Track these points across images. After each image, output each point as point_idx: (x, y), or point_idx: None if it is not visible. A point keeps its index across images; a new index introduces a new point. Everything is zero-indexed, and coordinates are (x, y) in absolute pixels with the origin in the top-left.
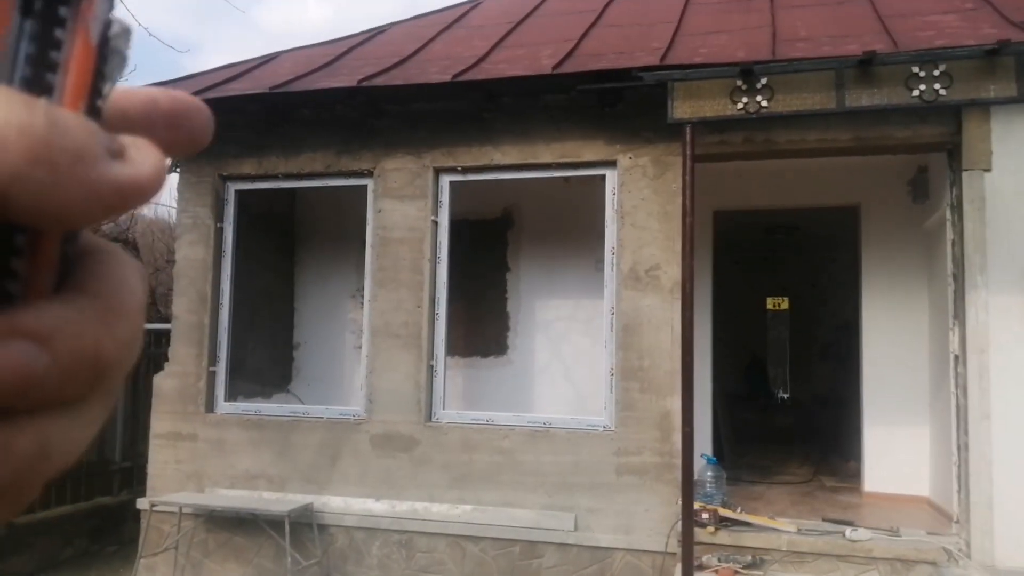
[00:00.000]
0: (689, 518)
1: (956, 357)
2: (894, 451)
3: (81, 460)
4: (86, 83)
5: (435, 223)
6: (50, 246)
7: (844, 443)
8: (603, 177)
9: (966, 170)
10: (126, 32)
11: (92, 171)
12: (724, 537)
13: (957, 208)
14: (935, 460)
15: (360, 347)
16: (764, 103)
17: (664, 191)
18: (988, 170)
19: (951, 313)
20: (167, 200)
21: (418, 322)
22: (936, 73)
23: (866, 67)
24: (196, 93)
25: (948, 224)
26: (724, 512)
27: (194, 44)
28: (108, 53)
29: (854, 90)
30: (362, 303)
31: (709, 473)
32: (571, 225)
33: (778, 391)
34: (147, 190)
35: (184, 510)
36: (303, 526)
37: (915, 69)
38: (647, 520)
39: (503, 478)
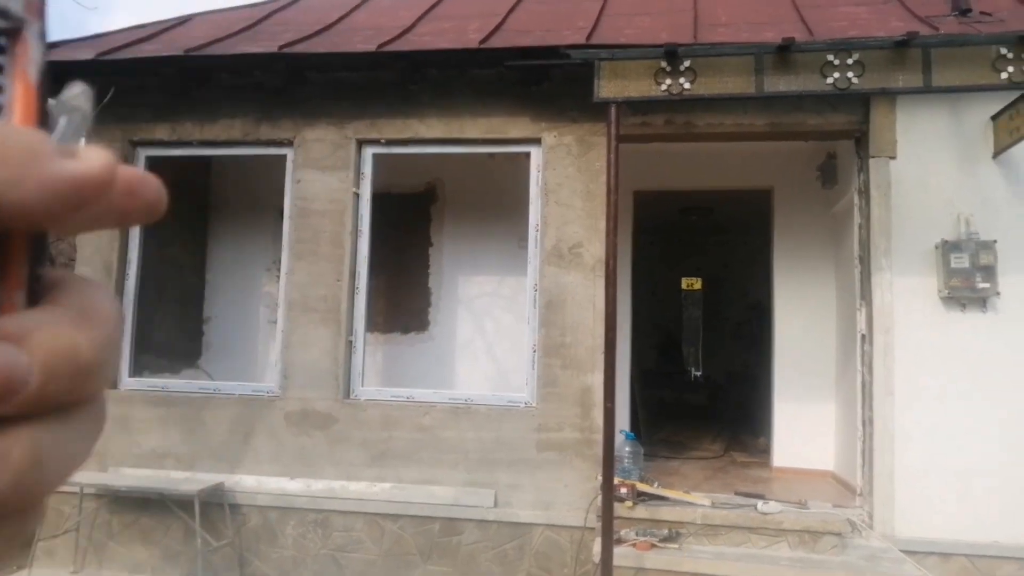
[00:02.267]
0: (609, 493)
1: (863, 336)
2: (801, 427)
3: None
4: (32, 117)
5: (357, 195)
6: (18, 252)
7: (755, 420)
8: (528, 155)
9: (873, 157)
10: (85, 92)
11: (46, 167)
12: (642, 511)
13: (864, 193)
14: (840, 436)
15: (275, 321)
16: (687, 85)
17: (588, 170)
18: (893, 158)
19: (858, 294)
20: None
21: (337, 296)
22: (850, 62)
23: (784, 54)
24: (104, 53)
25: (855, 209)
26: (642, 487)
27: (102, 2)
28: (60, 105)
29: (772, 76)
30: (277, 276)
31: (627, 449)
32: (495, 201)
33: (691, 369)
34: (99, 182)
35: (86, 490)
36: (214, 506)
37: (830, 57)
38: (567, 496)
39: (423, 455)
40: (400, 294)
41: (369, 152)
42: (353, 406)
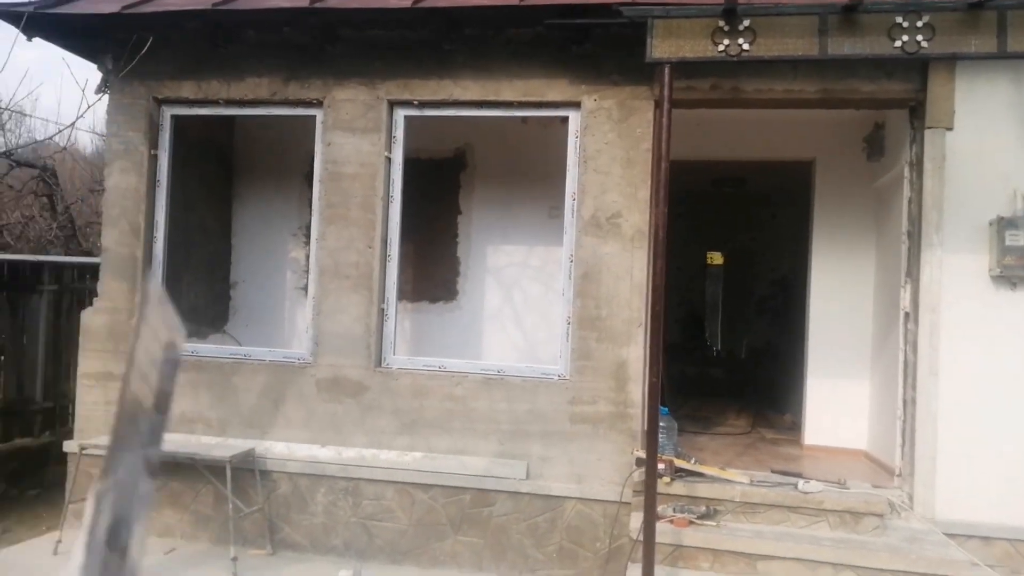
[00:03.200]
0: (653, 468)
1: (907, 314)
2: (834, 405)
3: None
4: None
5: (388, 159)
6: None
7: (780, 396)
8: (565, 119)
9: (929, 128)
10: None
11: None
12: (679, 488)
13: (916, 166)
14: (876, 415)
15: (303, 287)
16: (746, 46)
17: (628, 136)
18: (950, 128)
19: (904, 270)
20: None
21: (369, 263)
22: (919, 24)
23: (850, 14)
24: (129, 7)
25: (905, 182)
26: (680, 463)
27: None
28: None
29: (837, 37)
30: (305, 241)
31: (662, 423)
32: (526, 169)
33: (712, 344)
34: None
35: None
36: (244, 472)
37: (899, 19)
38: (600, 469)
39: (455, 425)
40: (428, 263)
41: (401, 114)
42: (385, 374)
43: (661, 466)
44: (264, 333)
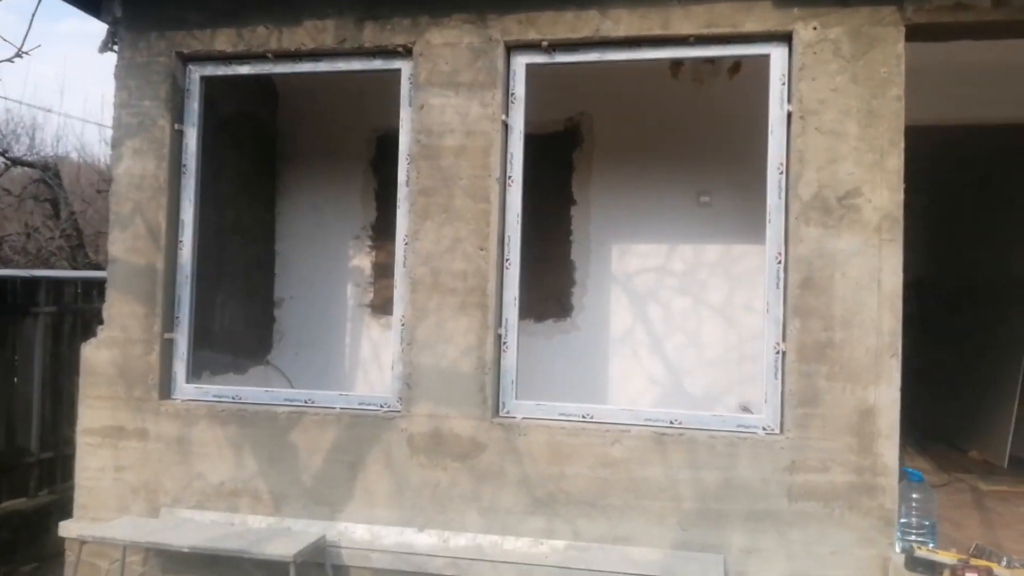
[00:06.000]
0: None
1: None
2: None
3: None
4: None
5: (506, 126)
6: None
7: (947, 425)
8: (767, 58)
9: None
10: None
11: None
12: None
13: None
14: None
15: (368, 304)
16: None
17: (869, 79)
18: None
19: None
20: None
21: (482, 271)
22: None
23: None
24: None
25: None
26: (1000, 570)
27: None
28: None
29: None
30: (371, 246)
31: (914, 497)
32: (663, 142)
33: None
34: None
35: (131, 548)
36: (310, 565)
37: None
38: (837, 568)
39: (612, 501)
40: (533, 269)
41: (522, 62)
42: (506, 427)
43: (972, 575)
44: (319, 364)
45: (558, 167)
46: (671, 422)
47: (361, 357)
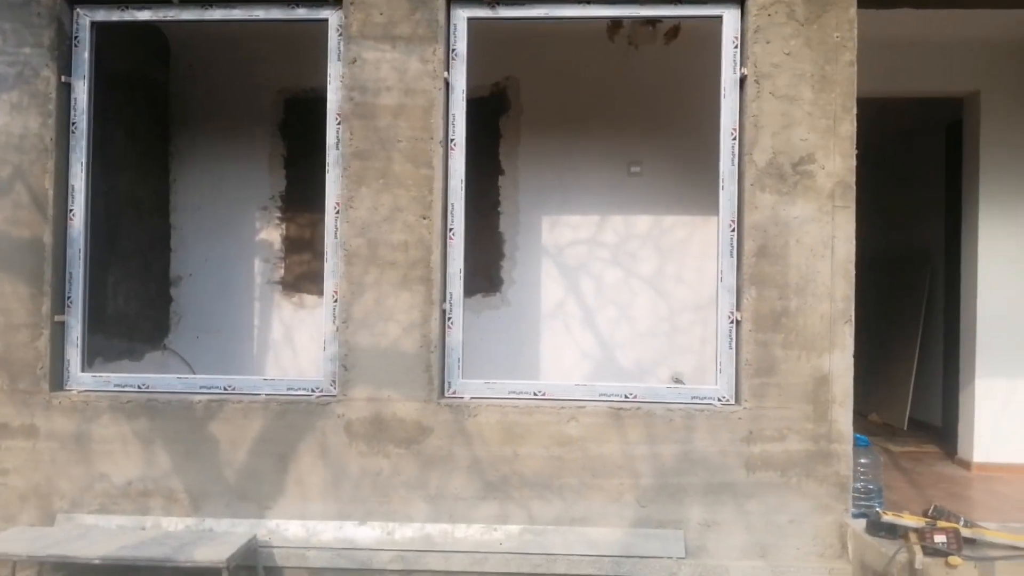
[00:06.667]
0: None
1: None
2: (1015, 413)
3: None
4: None
5: (447, 84)
6: None
7: (893, 396)
8: (719, 20)
9: None
10: None
11: None
12: (969, 573)
13: None
14: None
15: (278, 282)
16: None
17: (822, 43)
18: None
19: None
20: None
21: (425, 242)
22: None
23: None
24: None
25: None
26: (967, 531)
27: None
28: None
29: None
30: (280, 217)
31: (863, 461)
32: (593, 109)
33: None
34: None
35: (22, 564)
36: (239, 569)
37: None
38: (795, 537)
39: (568, 481)
40: None
41: (463, 15)
42: (454, 409)
43: (941, 538)
44: (222, 350)
45: (484, 134)
46: (626, 396)
47: (271, 340)
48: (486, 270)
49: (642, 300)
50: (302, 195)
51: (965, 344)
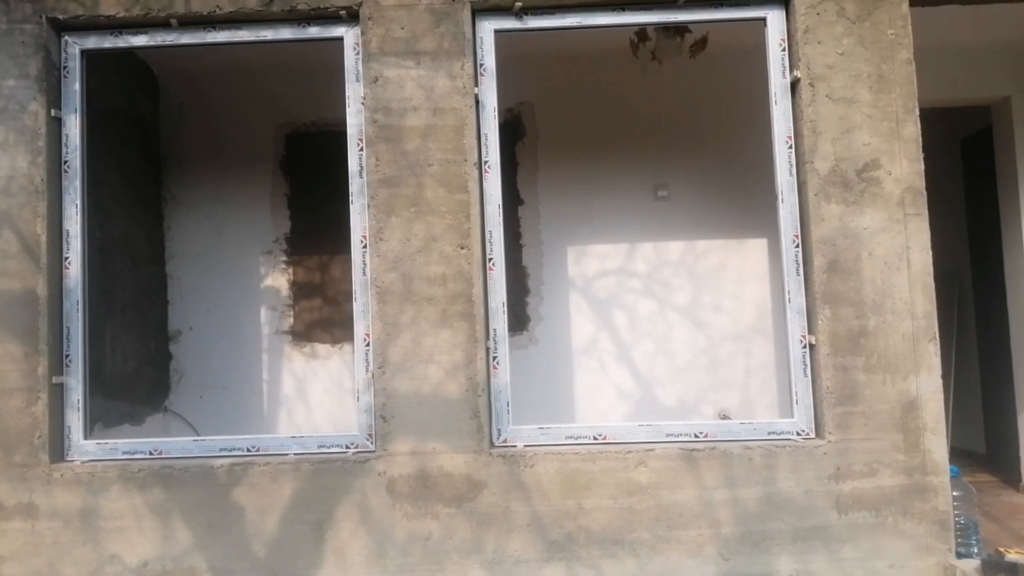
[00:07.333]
0: None
1: None
2: None
3: None
4: None
5: (477, 101)
6: None
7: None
8: (763, 22)
9: None
10: None
11: None
12: None
13: None
14: None
15: (288, 331)
16: None
17: (877, 42)
18: None
19: None
20: None
21: (465, 273)
22: None
23: None
24: None
25: None
26: None
27: None
28: None
29: None
30: (287, 261)
31: (955, 494)
32: (614, 133)
33: None
34: None
35: None
36: None
37: None
38: None
39: (641, 535)
40: None
41: (489, 27)
42: (508, 459)
43: None
44: (230, 408)
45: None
46: (696, 435)
47: (282, 395)
48: (511, 307)
49: (679, 332)
50: (309, 236)
51: (1020, 365)
